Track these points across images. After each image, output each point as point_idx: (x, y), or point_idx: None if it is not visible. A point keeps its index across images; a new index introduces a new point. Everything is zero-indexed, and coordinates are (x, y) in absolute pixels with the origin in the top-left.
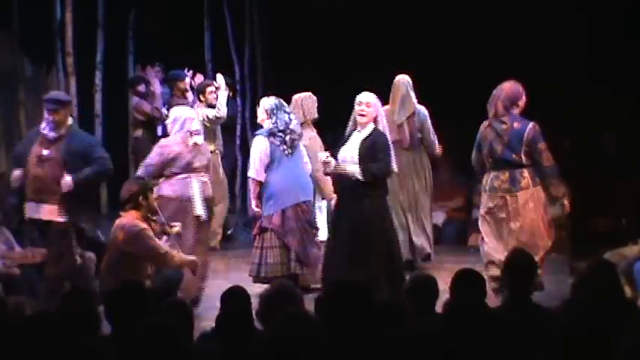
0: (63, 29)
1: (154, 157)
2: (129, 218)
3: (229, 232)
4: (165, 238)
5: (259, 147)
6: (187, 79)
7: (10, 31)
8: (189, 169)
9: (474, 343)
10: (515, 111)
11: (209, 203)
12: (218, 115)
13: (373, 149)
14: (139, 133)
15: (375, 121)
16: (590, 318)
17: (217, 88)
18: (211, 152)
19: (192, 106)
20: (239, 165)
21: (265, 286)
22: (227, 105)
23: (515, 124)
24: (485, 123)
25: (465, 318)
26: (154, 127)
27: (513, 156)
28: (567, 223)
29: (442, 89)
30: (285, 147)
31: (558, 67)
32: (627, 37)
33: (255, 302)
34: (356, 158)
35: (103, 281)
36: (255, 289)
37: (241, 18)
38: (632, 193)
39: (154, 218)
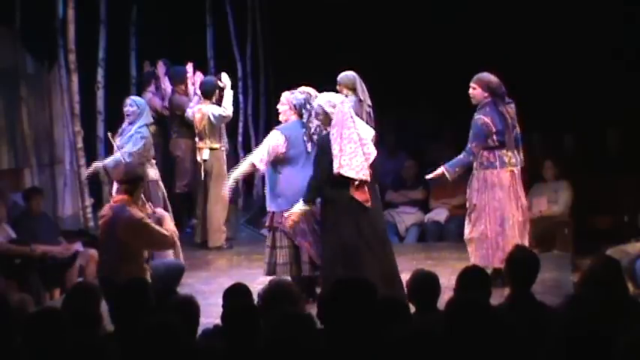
0: (65, 26)
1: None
2: (123, 209)
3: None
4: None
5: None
6: (189, 74)
7: (12, 27)
8: None
9: (476, 341)
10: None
11: None
12: (224, 114)
13: None
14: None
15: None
16: (594, 315)
17: (223, 88)
18: (217, 149)
19: (190, 102)
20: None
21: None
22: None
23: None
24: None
25: (467, 316)
26: (163, 124)
27: None
28: (570, 220)
29: (445, 88)
30: (310, 144)
31: (559, 65)
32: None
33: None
34: None
35: (102, 273)
36: (257, 287)
37: (243, 15)
38: (634, 190)
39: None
